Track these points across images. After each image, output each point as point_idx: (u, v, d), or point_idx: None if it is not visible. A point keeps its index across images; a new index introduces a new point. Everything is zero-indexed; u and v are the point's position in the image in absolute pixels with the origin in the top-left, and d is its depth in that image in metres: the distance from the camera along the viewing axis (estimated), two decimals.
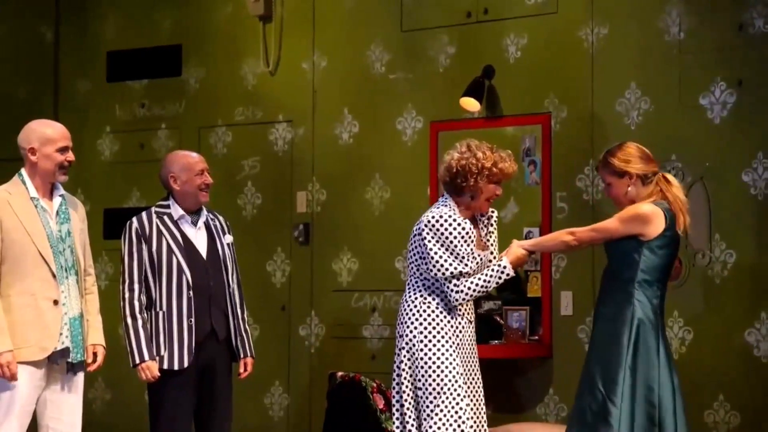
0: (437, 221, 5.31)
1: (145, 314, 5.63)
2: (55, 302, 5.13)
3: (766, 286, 6.68)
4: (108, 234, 8.67)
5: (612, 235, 5.16)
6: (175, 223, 5.72)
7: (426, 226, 5.32)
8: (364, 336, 7.79)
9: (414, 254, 5.39)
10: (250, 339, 5.90)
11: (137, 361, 5.58)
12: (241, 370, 5.86)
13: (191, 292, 5.63)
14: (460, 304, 5.31)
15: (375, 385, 7.03)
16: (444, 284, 5.29)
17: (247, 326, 5.88)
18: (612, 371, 5.07)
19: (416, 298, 5.33)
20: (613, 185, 5.30)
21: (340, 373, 7.17)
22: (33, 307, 5.09)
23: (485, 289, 5.32)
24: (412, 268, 5.40)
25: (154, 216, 5.73)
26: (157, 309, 5.66)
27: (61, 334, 5.15)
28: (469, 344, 5.37)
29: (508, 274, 5.32)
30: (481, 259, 5.36)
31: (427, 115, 7.68)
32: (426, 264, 5.31)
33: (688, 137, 6.93)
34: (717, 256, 6.81)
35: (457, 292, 5.27)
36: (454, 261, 5.26)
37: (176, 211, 5.74)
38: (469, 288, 5.28)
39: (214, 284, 5.70)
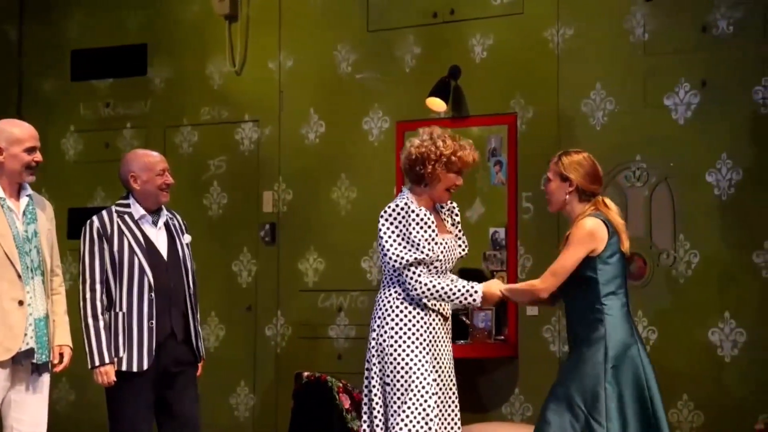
0: (393, 210, 5.26)
1: (107, 315, 5.55)
2: (20, 303, 5.09)
3: (730, 286, 6.73)
4: (72, 234, 8.60)
5: (573, 268, 5.09)
6: (136, 223, 5.64)
7: (381, 217, 5.28)
8: (330, 336, 7.79)
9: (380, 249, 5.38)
10: (201, 341, 5.85)
11: (96, 363, 5.52)
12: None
13: (153, 294, 5.56)
14: (417, 296, 5.21)
15: (341, 385, 7.02)
16: (402, 273, 5.21)
17: (199, 328, 5.82)
18: (591, 388, 4.98)
19: (389, 294, 5.26)
20: (551, 182, 5.27)
21: (306, 373, 7.16)
22: None
23: (444, 298, 5.19)
24: (383, 263, 5.37)
25: (114, 215, 5.63)
26: (117, 310, 5.56)
27: (25, 335, 5.10)
28: (442, 340, 5.30)
29: (474, 300, 5.19)
30: (446, 244, 5.31)
31: (394, 115, 7.68)
32: (384, 256, 5.27)
33: (652, 138, 6.97)
34: (681, 256, 6.85)
35: (415, 281, 5.17)
36: (411, 249, 5.19)
37: (137, 210, 5.65)
38: (430, 284, 5.17)
39: (174, 285, 5.63)
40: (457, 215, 5.51)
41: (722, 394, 6.70)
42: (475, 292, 5.21)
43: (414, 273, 5.19)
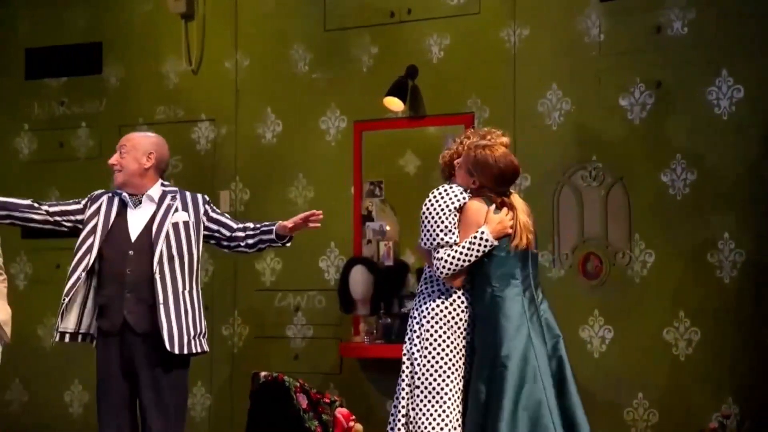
0: (432, 195, 5.22)
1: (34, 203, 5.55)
2: None
3: (685, 286, 6.78)
4: (26, 234, 8.54)
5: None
6: (122, 204, 5.47)
7: (425, 204, 5.23)
8: (287, 336, 7.77)
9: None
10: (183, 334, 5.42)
11: None
12: None
13: (82, 275, 5.35)
14: (444, 276, 5.14)
15: (298, 384, 7.00)
16: (432, 256, 5.17)
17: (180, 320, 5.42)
18: (486, 372, 5.09)
19: (428, 294, 5.25)
20: (460, 168, 5.30)
21: (263, 373, 7.14)
22: None
23: (467, 260, 5.11)
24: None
25: (106, 195, 5.52)
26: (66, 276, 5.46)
27: None
28: (463, 332, 5.25)
29: (487, 240, 5.10)
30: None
31: (351, 115, 7.68)
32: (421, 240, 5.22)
33: (608, 138, 7.01)
34: (636, 256, 6.90)
35: (437, 259, 5.13)
36: (440, 231, 5.15)
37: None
38: (449, 257, 5.12)
39: (131, 272, 5.36)
40: None
41: (677, 393, 6.75)
42: (482, 233, 5.13)
43: (438, 254, 5.14)
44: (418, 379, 5.18)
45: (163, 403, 5.38)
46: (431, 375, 5.16)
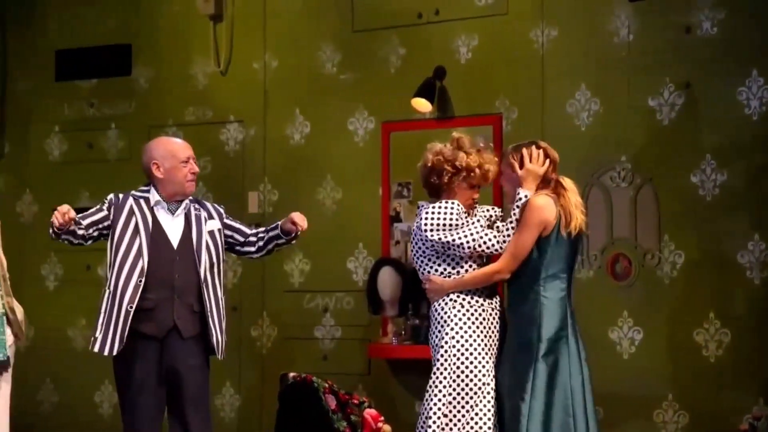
0: (429, 216, 5.22)
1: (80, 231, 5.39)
2: None
3: (715, 287, 6.75)
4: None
5: (530, 247, 5.16)
6: (151, 209, 5.47)
7: (425, 227, 5.22)
8: (315, 337, 7.78)
9: (426, 263, 5.31)
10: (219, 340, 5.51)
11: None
12: None
13: (142, 279, 5.34)
14: (498, 249, 5.19)
15: (327, 385, 7.01)
16: (484, 249, 5.19)
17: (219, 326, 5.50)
18: (521, 367, 5.09)
19: (445, 303, 5.26)
20: (504, 172, 5.36)
21: (291, 374, 7.15)
22: None
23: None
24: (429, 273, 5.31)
25: (130, 198, 5.49)
26: (106, 287, 5.40)
27: None
28: (494, 330, 5.29)
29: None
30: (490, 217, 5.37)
31: (379, 116, 7.68)
32: (453, 257, 5.22)
33: (637, 138, 6.99)
34: (666, 257, 6.87)
35: (497, 242, 5.19)
36: (468, 233, 5.18)
37: (153, 196, 5.49)
38: (499, 233, 5.22)
39: (179, 277, 5.40)
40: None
41: (707, 395, 6.72)
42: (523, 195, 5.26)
43: (489, 239, 5.18)
44: (453, 381, 5.17)
45: (203, 405, 5.46)
46: (465, 373, 5.16)
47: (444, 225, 5.20)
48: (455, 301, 5.23)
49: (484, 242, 5.19)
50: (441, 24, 7.54)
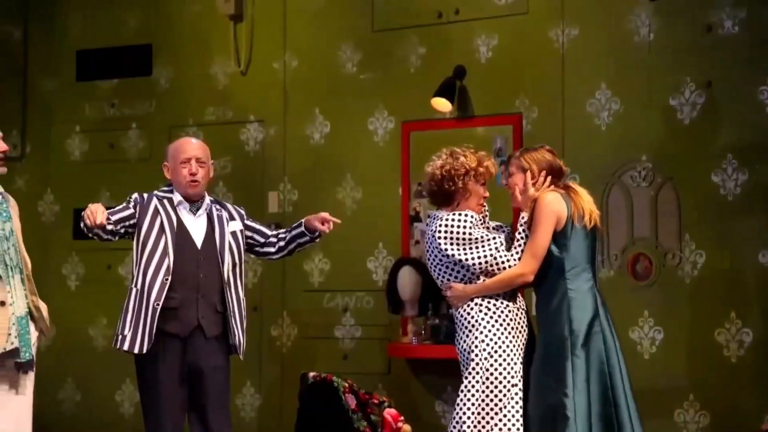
0: (443, 227, 5.22)
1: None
2: (2, 303, 5.04)
3: (736, 286, 6.73)
4: (77, 234, 8.61)
5: (548, 245, 5.16)
6: (174, 208, 5.51)
7: (440, 239, 5.22)
8: (336, 336, 7.79)
9: (444, 270, 5.31)
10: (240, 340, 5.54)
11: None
12: None
13: (168, 277, 5.37)
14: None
15: (347, 385, 7.02)
16: (495, 270, 5.18)
17: (239, 325, 5.52)
18: (557, 363, 5.08)
19: (471, 308, 5.27)
20: (515, 176, 5.35)
21: (311, 374, 7.16)
22: None
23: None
24: (448, 280, 5.31)
25: (154, 198, 5.53)
26: (132, 286, 5.43)
27: (9, 334, 5.06)
28: (521, 330, 5.28)
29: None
30: (507, 232, 5.36)
31: (399, 116, 7.68)
32: (468, 271, 5.23)
33: (658, 138, 6.97)
34: (687, 257, 6.85)
35: (512, 264, 5.19)
36: (482, 253, 5.19)
37: (176, 197, 5.54)
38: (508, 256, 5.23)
39: (204, 276, 5.43)
40: (487, 223, 5.46)
41: (728, 395, 6.69)
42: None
43: (507, 259, 5.19)
44: (484, 384, 5.17)
45: (224, 404, 5.49)
46: (495, 376, 5.15)
47: (458, 239, 5.21)
48: (480, 305, 5.22)
49: (497, 263, 5.20)
50: (461, 23, 7.53)
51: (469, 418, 5.15)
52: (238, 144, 8.20)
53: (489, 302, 5.22)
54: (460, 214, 5.25)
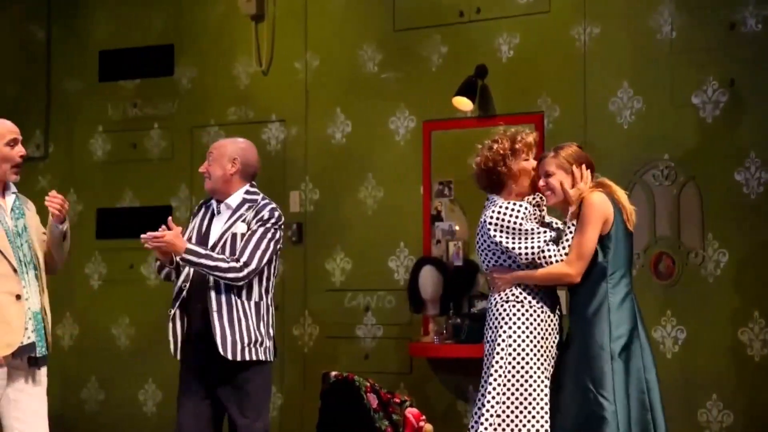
0: (496, 215, 5.20)
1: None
2: (18, 297, 5.08)
3: (759, 285, 6.69)
4: (100, 234, 8.67)
5: (595, 246, 5.14)
6: (212, 212, 5.64)
7: (490, 225, 5.21)
8: (357, 335, 7.79)
9: (491, 257, 5.29)
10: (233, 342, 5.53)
11: None
12: None
13: (186, 284, 5.50)
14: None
15: (369, 384, 7.02)
16: (543, 264, 5.15)
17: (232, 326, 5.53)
18: (598, 367, 5.06)
19: (507, 299, 5.25)
20: (556, 176, 5.27)
21: (333, 373, 7.16)
22: None
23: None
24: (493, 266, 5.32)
25: (205, 204, 5.72)
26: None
27: (26, 329, 5.10)
28: (552, 333, 5.25)
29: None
30: (557, 229, 5.32)
31: (420, 115, 7.68)
32: (514, 261, 5.20)
33: (680, 136, 6.94)
34: (710, 255, 6.82)
35: (558, 259, 5.15)
36: (531, 245, 5.16)
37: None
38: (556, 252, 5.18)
39: (199, 280, 5.50)
40: (543, 209, 5.44)
41: (752, 394, 6.66)
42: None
43: (552, 254, 5.16)
44: (507, 380, 5.16)
45: (245, 402, 5.56)
46: (521, 375, 5.14)
47: (509, 228, 5.18)
48: (517, 297, 5.20)
49: (544, 257, 5.17)
50: (482, 22, 7.52)
51: (488, 411, 5.13)
52: (260, 144, 8.19)
53: (525, 297, 5.20)
54: (514, 204, 5.23)
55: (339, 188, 7.91)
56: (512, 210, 5.21)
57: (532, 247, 5.17)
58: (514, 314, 5.19)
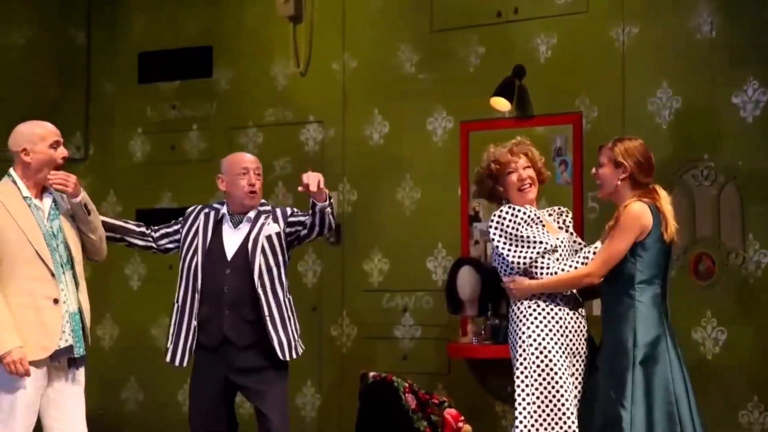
0: (498, 217, 5.26)
1: (146, 229, 5.87)
2: (56, 301, 5.12)
3: None
4: None
5: (623, 254, 5.11)
6: (217, 222, 5.71)
7: (491, 227, 5.28)
8: (395, 336, 7.79)
9: (497, 261, 5.38)
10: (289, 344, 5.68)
11: None
12: None
13: (199, 296, 5.61)
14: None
15: (407, 385, 7.03)
16: (536, 272, 5.20)
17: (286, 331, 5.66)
18: (619, 373, 5.04)
19: (527, 306, 5.26)
20: (604, 167, 5.27)
21: (371, 374, 7.18)
22: (31, 307, 5.06)
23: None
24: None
25: (202, 213, 5.77)
26: (174, 301, 5.74)
27: (63, 332, 5.14)
28: (573, 339, 5.27)
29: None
30: (562, 241, 5.31)
31: (458, 116, 7.67)
32: (508, 267, 5.27)
33: (720, 136, 6.89)
34: (750, 256, 6.77)
35: (556, 270, 5.21)
36: (524, 248, 5.20)
37: (223, 208, 5.77)
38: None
39: (229, 290, 5.61)
40: (568, 220, 5.46)
41: None
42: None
43: (541, 267, 5.20)
44: (535, 381, 5.15)
45: (274, 405, 5.63)
46: (547, 374, 5.13)
47: (505, 233, 5.24)
48: (530, 305, 5.22)
49: (540, 268, 5.20)
50: (520, 23, 7.50)
51: (522, 413, 5.17)
52: (298, 145, 8.24)
53: (541, 304, 5.21)
54: (513, 208, 5.26)
55: (377, 189, 7.91)
56: (511, 214, 5.23)
57: (524, 257, 5.18)
58: (531, 314, 5.21)
